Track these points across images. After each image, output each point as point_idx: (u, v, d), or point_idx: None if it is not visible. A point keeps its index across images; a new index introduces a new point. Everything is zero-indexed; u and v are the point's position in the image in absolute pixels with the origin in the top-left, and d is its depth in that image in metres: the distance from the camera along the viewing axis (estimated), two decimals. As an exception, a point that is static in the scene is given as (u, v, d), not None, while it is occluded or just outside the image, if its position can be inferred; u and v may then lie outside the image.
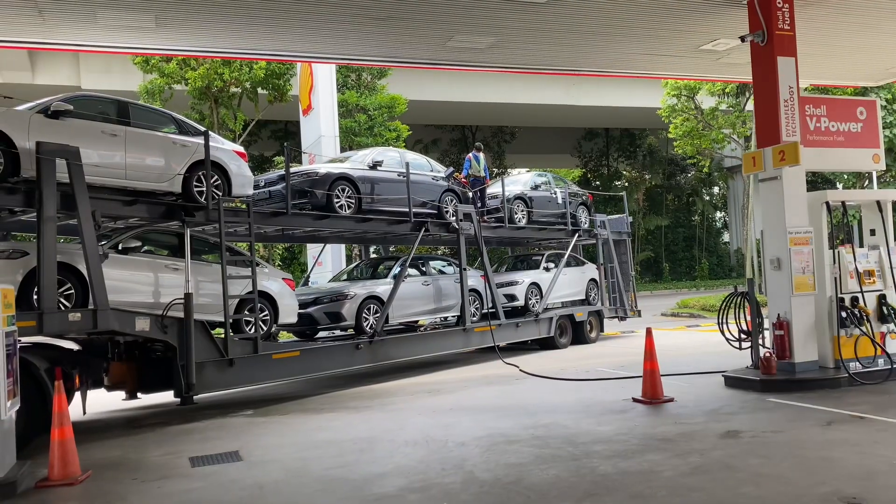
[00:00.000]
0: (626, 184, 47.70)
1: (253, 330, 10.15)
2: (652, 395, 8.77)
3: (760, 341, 10.07)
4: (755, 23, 9.90)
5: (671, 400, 8.72)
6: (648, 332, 9.09)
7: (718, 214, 53.08)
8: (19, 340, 7.00)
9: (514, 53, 12.13)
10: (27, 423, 7.41)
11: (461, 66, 13.37)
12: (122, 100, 9.66)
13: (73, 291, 8.34)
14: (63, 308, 8.08)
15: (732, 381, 9.67)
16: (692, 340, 16.10)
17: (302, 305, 11.64)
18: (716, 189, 51.81)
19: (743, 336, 10.19)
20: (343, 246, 20.30)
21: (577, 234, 16.82)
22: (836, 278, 9.78)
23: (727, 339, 10.32)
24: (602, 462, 6.17)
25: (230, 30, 10.26)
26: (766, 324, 10.07)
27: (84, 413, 9.22)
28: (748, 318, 10.12)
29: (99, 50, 11.69)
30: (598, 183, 47.45)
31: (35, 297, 7.85)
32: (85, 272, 8.26)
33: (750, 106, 27.39)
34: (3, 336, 6.19)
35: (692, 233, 48.67)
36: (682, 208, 49.83)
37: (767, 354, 9.57)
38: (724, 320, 10.24)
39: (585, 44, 11.84)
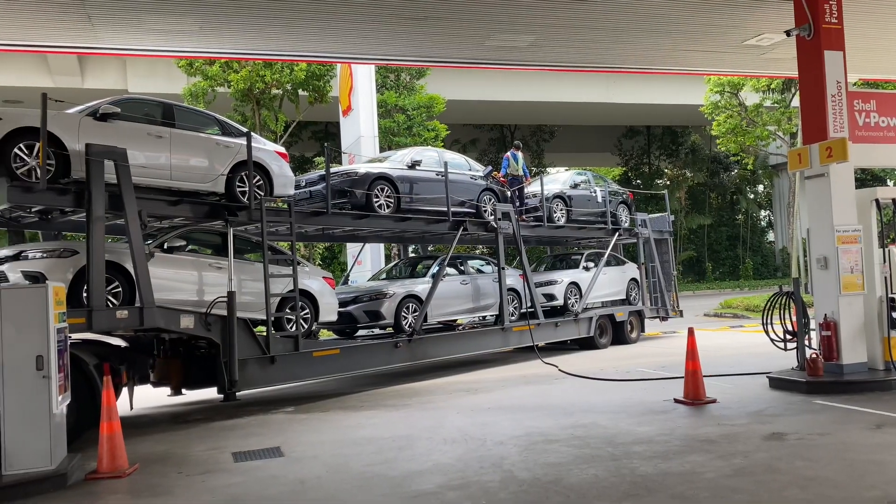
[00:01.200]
0: (668, 182, 47.00)
1: (294, 328, 10.29)
2: (694, 396, 8.63)
3: (806, 342, 9.84)
4: (801, 16, 9.68)
5: (714, 401, 8.58)
6: (690, 331, 8.95)
7: (763, 213, 51.93)
8: (69, 337, 7.21)
9: (554, 51, 12.07)
10: (77, 418, 7.63)
11: (500, 65, 13.34)
12: (168, 102, 9.87)
13: (120, 289, 8.56)
14: (111, 305, 8.31)
15: (777, 383, 9.46)
16: (736, 341, 15.81)
17: (342, 304, 11.75)
18: (760, 187, 50.69)
19: (788, 337, 9.96)
20: (382, 245, 20.42)
21: (617, 233, 16.64)
22: (886, 278, 9.50)
23: (772, 340, 10.10)
24: (642, 463, 6.10)
25: (272, 32, 10.42)
26: (812, 324, 9.84)
27: (131, 408, 9.46)
28: (794, 318, 9.89)
29: (145, 54, 11.97)
30: (639, 181, 46.83)
31: (84, 294, 8.08)
32: (132, 271, 8.47)
33: (796, 102, 26.76)
34: (54, 332, 6.39)
35: (736, 232, 47.68)
36: (725, 207, 48.87)
37: (814, 355, 9.34)
38: (769, 320, 10.02)
39: (626, 41, 11.72)
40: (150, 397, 10.61)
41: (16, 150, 7.91)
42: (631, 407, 8.61)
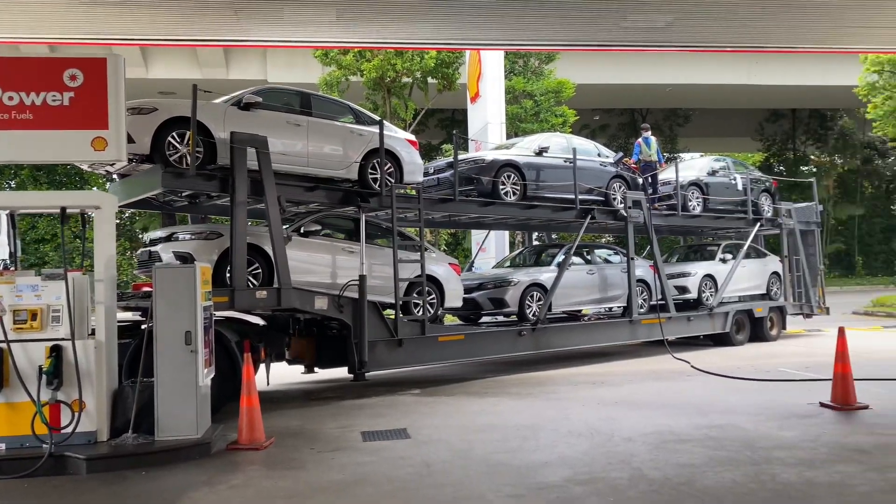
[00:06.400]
0: (815, 169, 43.74)
1: (421, 312, 10.45)
2: (843, 401, 7.98)
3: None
4: (984, -17, 8.62)
5: (865, 407, 7.90)
6: (841, 331, 8.27)
7: (925, 204, 47.33)
8: (214, 314, 7.67)
9: (693, 32, 11.40)
10: (219, 391, 8.11)
11: (635, 48, 12.82)
12: (306, 91, 10.26)
13: (260, 271, 9.02)
14: (251, 286, 8.76)
15: (942, 391, 8.59)
16: (890, 342, 14.50)
17: (467, 290, 11.79)
18: (923, 175, 46.19)
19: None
20: (507, 232, 20.35)
21: (758, 224, 15.66)
22: None
23: (936, 344, 9.17)
24: (784, 469, 5.71)
25: (404, 20, 10.51)
26: None
27: (268, 384, 9.94)
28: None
29: (285, 45, 12.45)
30: (781, 168, 43.93)
31: (227, 275, 8.56)
32: (271, 253, 8.89)
33: (969, 80, 24.10)
34: (201, 310, 6.81)
35: (892, 223, 43.66)
36: (879, 196, 44.86)
37: None
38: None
39: (772, 17, 10.87)
40: (284, 374, 11.12)
41: (169, 138, 8.48)
42: (771, 409, 8.08)
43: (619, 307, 13.87)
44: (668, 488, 5.35)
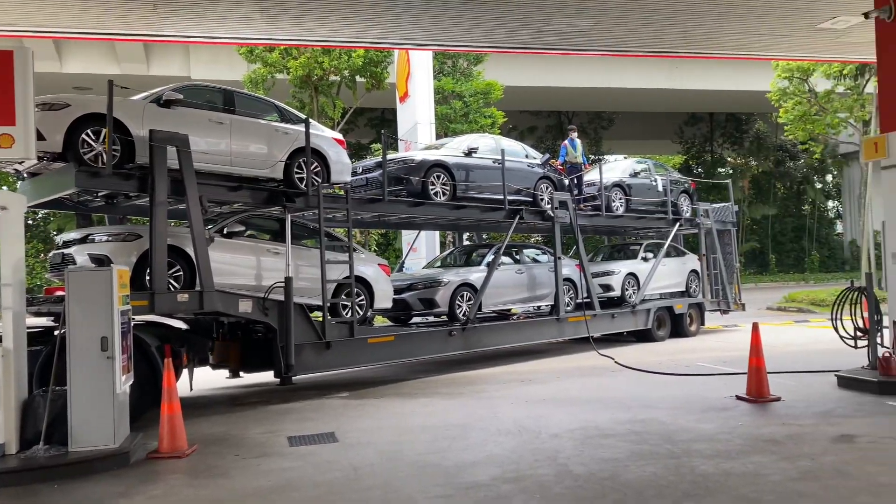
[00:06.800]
0: (731, 171, 45.64)
1: (349, 314, 10.35)
2: (757, 394, 8.34)
3: (879, 340, 9.39)
4: (881, -3, 9.16)
5: (778, 399, 8.27)
6: (755, 326, 8.64)
7: (831, 204, 50.02)
8: (133, 319, 7.39)
9: (615, 36, 11.74)
10: (139, 397, 7.83)
11: (559, 51, 13.08)
12: (228, 89, 10.00)
13: (181, 273, 8.74)
14: (172, 289, 8.48)
15: (846, 382, 9.06)
16: (800, 336, 15.25)
17: (397, 291, 11.76)
18: (829, 177, 48.84)
19: (859, 334, 9.53)
20: (437, 232, 20.41)
21: (678, 224, 16.22)
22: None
23: (841, 337, 9.68)
24: (703, 461, 5.91)
25: (330, 18, 10.43)
26: (886, 321, 9.38)
27: (191, 389, 9.68)
28: (865, 314, 9.44)
29: (208, 41, 12.15)
30: (700, 170, 45.63)
31: (147, 277, 8.27)
32: (193, 255, 8.63)
33: (870, 88, 25.59)
34: (118, 314, 6.55)
35: (802, 223, 46.01)
36: (791, 197, 47.21)
37: (886, 354, 8.90)
38: (839, 316, 9.60)
39: (691, 24, 11.31)
40: (209, 379, 10.84)
41: (83, 135, 8.12)
42: (690, 403, 8.37)
43: (547, 305, 14.10)
44: (593, 483, 5.46)
